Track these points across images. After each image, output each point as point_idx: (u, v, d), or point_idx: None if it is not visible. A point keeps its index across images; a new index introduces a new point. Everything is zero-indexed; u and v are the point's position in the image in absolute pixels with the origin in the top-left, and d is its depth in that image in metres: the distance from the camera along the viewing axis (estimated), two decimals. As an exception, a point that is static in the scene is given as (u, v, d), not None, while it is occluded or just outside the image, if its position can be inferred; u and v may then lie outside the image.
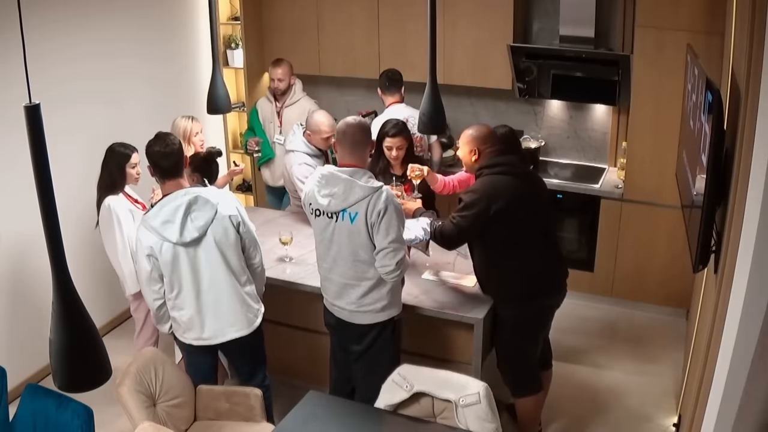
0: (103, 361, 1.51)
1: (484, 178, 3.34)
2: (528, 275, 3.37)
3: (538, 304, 3.45)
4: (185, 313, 3.25)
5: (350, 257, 3.17)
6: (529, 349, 3.52)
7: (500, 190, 3.27)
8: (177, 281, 3.20)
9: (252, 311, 3.34)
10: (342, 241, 3.16)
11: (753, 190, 2.04)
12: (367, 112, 5.93)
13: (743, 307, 2.01)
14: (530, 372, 3.57)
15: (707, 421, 2.42)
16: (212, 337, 3.31)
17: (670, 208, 4.52)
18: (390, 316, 3.30)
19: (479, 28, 5.08)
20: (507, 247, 3.35)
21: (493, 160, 3.36)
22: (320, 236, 3.25)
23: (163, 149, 3.18)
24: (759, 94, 2.06)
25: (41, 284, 4.23)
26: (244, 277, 3.30)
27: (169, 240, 3.11)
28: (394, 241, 3.09)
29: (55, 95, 4.25)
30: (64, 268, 1.41)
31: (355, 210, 3.07)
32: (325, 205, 3.13)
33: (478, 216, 3.24)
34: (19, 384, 4.05)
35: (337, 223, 3.13)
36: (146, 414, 3.00)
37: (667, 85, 4.45)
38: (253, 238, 3.33)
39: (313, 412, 2.97)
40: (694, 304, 4.18)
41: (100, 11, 4.60)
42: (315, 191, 3.18)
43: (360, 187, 3.07)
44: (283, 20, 5.74)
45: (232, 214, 3.20)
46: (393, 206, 3.09)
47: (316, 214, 3.20)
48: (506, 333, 3.49)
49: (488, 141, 3.40)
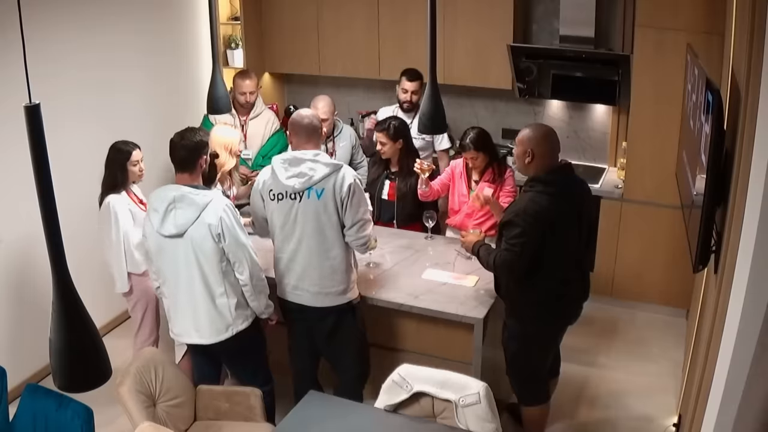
0: (103, 361, 1.51)
1: (536, 198, 3.15)
2: (553, 297, 3.28)
3: (555, 324, 3.43)
4: (167, 302, 3.36)
5: (315, 235, 3.29)
6: (539, 363, 3.48)
7: (553, 214, 3.13)
8: (162, 269, 3.28)
9: (224, 322, 3.26)
10: (307, 220, 3.27)
11: (753, 190, 2.04)
12: (367, 112, 5.94)
13: (743, 307, 2.01)
14: (539, 384, 3.53)
15: (707, 421, 2.41)
16: (179, 334, 3.36)
17: (670, 208, 4.52)
18: (349, 299, 3.44)
19: (479, 28, 5.08)
20: (543, 267, 3.21)
21: (549, 176, 3.19)
22: (283, 220, 3.32)
23: (179, 140, 3.23)
24: (759, 94, 2.06)
25: (42, 284, 4.23)
26: (219, 288, 3.21)
27: (153, 226, 3.19)
28: (365, 213, 3.34)
29: (54, 95, 4.24)
30: (65, 268, 1.42)
31: (322, 186, 3.25)
32: (291, 186, 3.25)
33: (533, 242, 3.12)
34: (19, 384, 4.04)
35: (302, 203, 3.26)
36: (146, 414, 3.00)
37: (667, 85, 4.45)
38: (241, 254, 3.19)
39: (313, 412, 2.98)
40: (694, 304, 4.18)
41: (100, 12, 4.60)
42: (278, 175, 3.28)
43: (324, 165, 3.27)
44: (283, 20, 5.74)
45: (212, 224, 3.13)
46: (359, 181, 3.36)
47: (279, 198, 3.30)
48: (516, 346, 3.42)
49: (544, 144, 3.20)
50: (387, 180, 4.40)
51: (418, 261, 3.97)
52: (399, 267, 3.93)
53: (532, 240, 3.12)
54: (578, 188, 3.37)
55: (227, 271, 3.22)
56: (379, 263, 3.96)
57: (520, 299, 3.35)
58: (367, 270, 3.90)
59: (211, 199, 3.17)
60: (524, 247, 3.13)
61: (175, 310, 3.32)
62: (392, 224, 4.43)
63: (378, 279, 3.82)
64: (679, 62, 4.15)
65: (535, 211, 3.12)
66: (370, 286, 3.73)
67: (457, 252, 3.93)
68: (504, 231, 3.21)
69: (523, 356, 3.43)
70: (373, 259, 3.97)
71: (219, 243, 3.16)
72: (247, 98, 4.85)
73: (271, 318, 3.48)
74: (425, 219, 4.15)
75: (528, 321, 3.34)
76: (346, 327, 3.47)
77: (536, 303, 3.29)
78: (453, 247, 4.05)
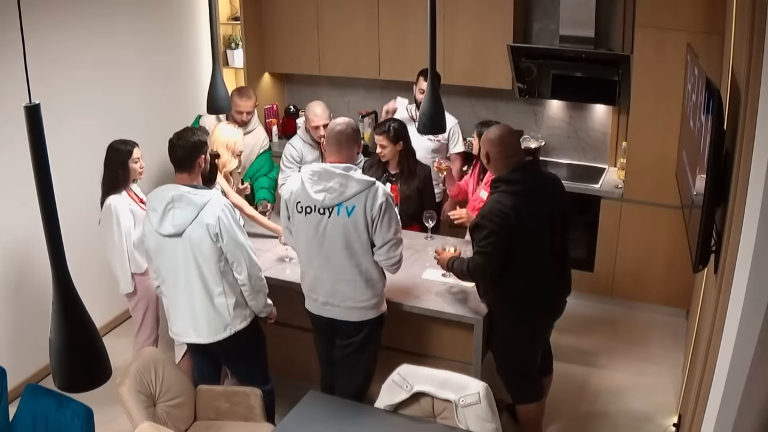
0: (103, 361, 1.51)
1: (500, 199, 3.17)
2: (527, 296, 3.29)
3: (535, 322, 3.43)
4: (166, 301, 3.34)
5: (344, 251, 3.17)
6: (526, 361, 3.49)
7: (518, 213, 3.14)
8: (161, 268, 3.27)
9: (222, 322, 3.26)
10: (336, 236, 3.15)
11: (753, 190, 2.04)
12: (367, 112, 5.94)
13: (743, 307, 2.01)
14: (530, 382, 3.54)
15: (707, 421, 2.41)
16: (179, 333, 3.36)
17: (670, 208, 4.52)
18: (380, 312, 3.36)
19: (479, 27, 5.09)
20: (512, 267, 3.22)
21: (511, 175, 3.21)
22: (311, 234, 3.20)
23: (177, 140, 3.23)
24: (759, 94, 2.06)
25: (41, 284, 4.23)
26: (218, 288, 3.21)
27: (152, 226, 3.19)
28: (397, 233, 3.20)
29: (55, 95, 4.24)
30: (64, 268, 1.41)
31: (353, 204, 3.11)
32: (320, 200, 3.13)
33: (501, 242, 3.14)
34: (19, 384, 4.04)
35: (331, 218, 3.14)
36: (146, 414, 3.00)
37: (667, 85, 4.45)
38: (239, 254, 3.18)
39: (313, 412, 2.98)
40: (694, 304, 4.18)
41: (99, 12, 4.60)
42: (307, 188, 3.16)
43: (356, 181, 3.13)
44: (283, 20, 5.74)
45: (210, 224, 3.12)
46: (390, 199, 3.20)
47: (307, 211, 3.18)
48: (501, 346, 3.47)
49: (498, 144, 3.24)
50: (387, 183, 4.36)
51: (418, 261, 3.97)
52: (399, 267, 3.93)
53: (500, 240, 3.14)
54: (547, 186, 3.37)
55: (225, 271, 3.22)
56: (379, 263, 3.96)
57: (495, 300, 3.40)
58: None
59: (210, 199, 3.17)
60: (494, 247, 3.15)
61: (174, 309, 3.32)
62: None
63: (378, 279, 3.81)
64: (679, 62, 4.15)
65: (500, 211, 3.13)
66: (370, 286, 3.73)
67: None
68: (474, 235, 3.24)
69: (508, 355, 3.47)
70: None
71: (217, 243, 3.15)
72: (243, 117, 4.74)
73: (270, 317, 3.48)
74: (425, 219, 4.15)
75: (507, 320, 3.39)
76: (373, 340, 3.40)
77: (510, 302, 3.33)
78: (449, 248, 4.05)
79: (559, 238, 3.36)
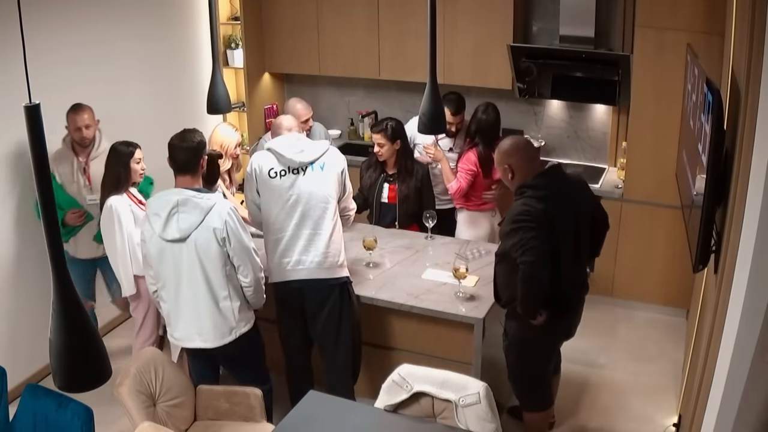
0: (103, 361, 1.50)
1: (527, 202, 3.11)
2: (555, 301, 3.20)
3: (557, 328, 3.36)
4: (166, 306, 3.30)
5: (321, 203, 3.43)
6: (540, 368, 3.45)
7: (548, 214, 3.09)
8: (162, 274, 3.23)
9: (228, 325, 3.25)
10: (311, 191, 3.41)
11: (753, 190, 2.04)
12: (367, 112, 5.94)
13: (743, 307, 2.01)
14: (540, 390, 3.51)
15: (707, 421, 2.41)
16: (181, 339, 3.32)
17: (670, 208, 4.52)
18: (345, 274, 3.52)
19: (479, 28, 5.09)
20: None
21: (536, 180, 3.17)
22: (285, 196, 3.40)
23: (180, 143, 3.20)
24: (759, 94, 2.06)
25: (41, 284, 4.23)
26: (224, 292, 3.20)
27: (154, 231, 3.16)
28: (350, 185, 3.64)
29: (54, 95, 4.24)
30: (65, 268, 1.41)
31: (323, 161, 3.46)
32: (297, 160, 3.41)
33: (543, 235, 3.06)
34: (19, 384, 4.04)
35: (305, 176, 3.42)
36: (146, 414, 3.00)
37: (667, 85, 4.45)
38: (246, 258, 3.20)
39: (313, 412, 2.97)
40: (694, 304, 4.18)
41: (100, 12, 4.60)
42: (284, 152, 3.41)
43: (321, 143, 3.61)
44: (283, 20, 5.74)
45: (217, 228, 3.11)
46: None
47: (281, 174, 3.42)
48: (516, 352, 3.40)
49: (519, 153, 3.20)
50: (386, 183, 4.36)
51: (418, 261, 3.97)
52: (399, 267, 3.93)
53: (540, 234, 3.04)
54: (572, 188, 3.31)
55: (231, 275, 3.21)
56: (379, 263, 3.96)
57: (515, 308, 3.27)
58: (367, 270, 3.90)
59: (215, 203, 3.15)
60: (538, 240, 3.03)
61: (176, 314, 3.27)
62: (394, 226, 4.42)
63: (378, 279, 3.82)
64: (679, 62, 4.15)
65: (529, 211, 3.09)
66: (370, 286, 3.73)
67: (456, 254, 3.93)
68: (510, 241, 3.12)
69: (523, 361, 3.40)
70: (373, 259, 3.97)
71: (223, 247, 3.14)
72: (83, 133, 4.04)
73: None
74: (425, 219, 4.15)
75: (529, 325, 3.27)
76: (344, 305, 3.50)
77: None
78: (452, 249, 4.05)
79: (584, 240, 3.31)
